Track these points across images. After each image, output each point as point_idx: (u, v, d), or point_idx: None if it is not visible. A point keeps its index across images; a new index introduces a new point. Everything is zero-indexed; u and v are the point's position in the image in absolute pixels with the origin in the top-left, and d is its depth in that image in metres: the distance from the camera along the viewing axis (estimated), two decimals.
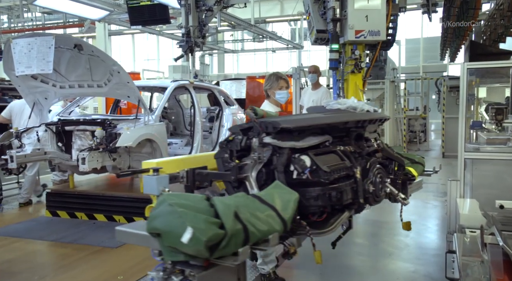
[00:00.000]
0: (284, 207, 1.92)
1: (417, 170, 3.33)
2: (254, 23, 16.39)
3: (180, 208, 1.63)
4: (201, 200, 1.76)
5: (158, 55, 25.47)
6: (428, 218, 6.16)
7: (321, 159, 2.20)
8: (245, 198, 1.91)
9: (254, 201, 1.89)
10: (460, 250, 3.03)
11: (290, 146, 2.18)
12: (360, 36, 5.73)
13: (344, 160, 2.33)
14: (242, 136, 2.25)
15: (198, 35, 8.23)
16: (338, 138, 2.57)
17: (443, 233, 5.13)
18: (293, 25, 22.08)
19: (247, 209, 1.78)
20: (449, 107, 12.40)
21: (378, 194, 2.50)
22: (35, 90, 5.78)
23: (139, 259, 4.46)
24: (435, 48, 17.20)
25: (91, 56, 5.34)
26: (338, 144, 2.49)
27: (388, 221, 5.95)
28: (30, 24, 18.34)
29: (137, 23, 10.30)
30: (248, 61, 24.81)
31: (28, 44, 4.78)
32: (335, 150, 2.38)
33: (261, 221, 1.78)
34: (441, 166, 3.83)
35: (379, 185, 2.51)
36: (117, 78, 5.51)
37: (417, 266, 4.29)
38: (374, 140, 2.82)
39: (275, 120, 2.25)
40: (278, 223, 1.86)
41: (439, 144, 14.46)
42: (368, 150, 2.66)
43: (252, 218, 1.76)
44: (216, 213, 1.68)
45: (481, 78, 7.59)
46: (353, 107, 2.89)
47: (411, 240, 5.09)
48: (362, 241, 5.18)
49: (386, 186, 2.54)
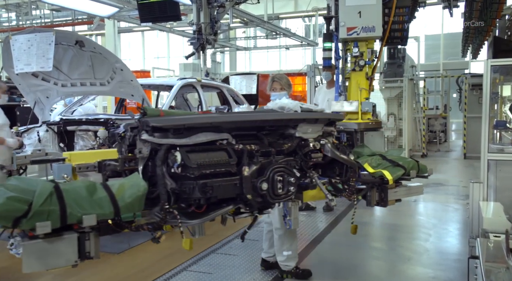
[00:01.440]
0: (123, 194, 2.24)
1: (394, 173, 3.29)
2: (267, 20, 16.41)
3: (2, 187, 2.07)
4: (40, 184, 2.13)
5: (169, 53, 25.58)
6: (449, 222, 6.09)
7: (198, 155, 2.44)
8: (87, 183, 2.28)
9: (94, 186, 2.24)
10: (484, 255, 2.99)
11: (166, 142, 2.44)
12: (352, 33, 5.70)
13: (231, 158, 2.53)
14: (130, 133, 2.53)
15: (209, 32, 8.25)
16: (248, 137, 2.78)
17: (465, 238, 5.07)
18: (307, 22, 22.01)
19: (76, 194, 2.15)
20: (471, 106, 12.26)
21: (276, 192, 2.65)
22: (36, 89, 5.71)
23: (143, 266, 4.43)
24: (456, 44, 17.04)
25: (93, 53, 5.28)
26: (245, 142, 2.68)
27: (406, 225, 5.90)
28: (38, 21, 18.58)
29: (147, 20, 10.34)
30: (261, 59, 24.79)
31: (28, 41, 4.69)
32: (226, 148, 2.57)
33: (89, 204, 2.15)
34: (432, 171, 3.73)
35: (278, 184, 2.64)
36: (120, 76, 5.45)
37: (437, 271, 4.24)
38: (313, 140, 2.93)
39: (154, 119, 2.48)
40: (109, 207, 2.18)
41: (460, 145, 14.29)
42: (287, 149, 2.83)
43: (77, 202, 2.13)
44: (49, 192, 2.09)
45: (505, 75, 7.47)
46: (280, 107, 3.01)
47: (431, 244, 5.04)
48: (380, 245, 5.15)
49: (290, 185, 2.68)
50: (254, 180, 2.60)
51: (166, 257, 4.59)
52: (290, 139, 2.90)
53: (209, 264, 4.44)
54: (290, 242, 3.97)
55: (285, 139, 2.91)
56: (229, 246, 4.98)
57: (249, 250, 4.82)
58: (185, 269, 4.31)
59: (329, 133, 3.14)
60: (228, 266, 4.39)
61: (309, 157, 2.91)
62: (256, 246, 4.96)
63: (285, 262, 3.98)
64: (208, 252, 4.78)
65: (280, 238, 3.97)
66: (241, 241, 3.61)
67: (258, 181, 2.60)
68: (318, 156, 2.93)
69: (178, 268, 4.33)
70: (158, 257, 4.60)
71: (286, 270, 4.00)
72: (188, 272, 4.25)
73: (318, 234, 5.38)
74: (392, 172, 3.29)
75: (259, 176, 2.62)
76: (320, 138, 3.02)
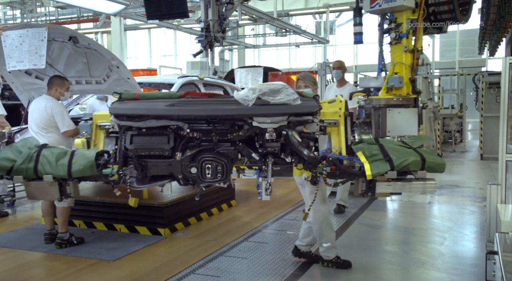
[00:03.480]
0: (78, 162, 3.29)
1: (376, 169, 3.18)
2: (277, 17, 16.38)
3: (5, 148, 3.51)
4: (29, 147, 3.46)
5: (176, 51, 25.65)
6: (465, 225, 6.04)
7: (141, 139, 3.23)
8: (63, 150, 3.44)
9: (65, 153, 3.38)
10: (502, 249, 2.97)
11: (124, 124, 3.26)
12: (375, 5, 5.67)
13: (168, 143, 3.20)
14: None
15: (218, 29, 8.23)
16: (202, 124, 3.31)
17: (482, 242, 5.03)
18: (318, 18, 21.94)
19: (48, 158, 3.34)
20: (488, 105, 12.17)
21: (204, 176, 3.21)
22: (30, 87, 5.57)
23: (138, 274, 4.33)
24: (472, 41, 16.86)
25: (88, 49, 5.19)
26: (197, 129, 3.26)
27: (420, 228, 5.86)
28: (43, 19, 18.75)
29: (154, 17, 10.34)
30: (270, 57, 24.75)
31: (19, 37, 4.53)
32: (168, 134, 3.23)
33: (52, 166, 3.30)
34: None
35: (207, 170, 3.20)
36: (116, 73, 5.38)
37: (452, 276, 4.21)
38: (272, 130, 3.18)
39: (114, 106, 3.27)
40: (64, 171, 3.28)
41: (477, 145, 14.19)
42: (235, 138, 3.25)
43: (45, 164, 3.31)
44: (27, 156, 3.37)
45: None
46: (241, 99, 3.20)
47: (446, 248, 5.01)
48: (393, 248, 5.13)
49: (218, 172, 3.20)
50: (187, 164, 3.20)
51: (165, 264, 4.56)
52: (243, 128, 3.26)
53: (216, 267, 4.45)
54: (328, 234, 4.32)
55: (239, 127, 3.28)
56: (237, 249, 4.99)
57: (258, 253, 4.83)
58: (193, 272, 4.33)
59: (300, 122, 3.27)
60: (236, 269, 4.39)
61: (265, 145, 3.21)
62: (265, 249, 4.97)
63: (325, 253, 4.36)
64: (216, 255, 4.79)
65: (317, 232, 4.34)
66: (249, 244, 3.67)
67: (189, 166, 3.20)
68: (274, 145, 3.21)
69: (185, 271, 4.34)
70: (156, 265, 4.54)
71: (327, 260, 4.37)
72: (196, 275, 4.26)
73: None
74: (376, 167, 3.19)
75: (192, 161, 3.20)
76: (283, 127, 3.22)
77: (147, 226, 5.54)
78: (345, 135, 3.48)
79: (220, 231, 5.70)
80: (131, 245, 5.09)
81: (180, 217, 5.78)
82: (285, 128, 3.23)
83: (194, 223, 5.98)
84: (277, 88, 3.18)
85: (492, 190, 4.17)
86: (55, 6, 18.84)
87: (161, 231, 5.45)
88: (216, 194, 6.57)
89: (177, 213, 5.72)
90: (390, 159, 3.24)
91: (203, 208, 6.28)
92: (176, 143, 3.24)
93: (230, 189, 6.94)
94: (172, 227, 5.60)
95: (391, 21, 5.62)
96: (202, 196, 6.03)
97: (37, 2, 19.00)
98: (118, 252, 4.88)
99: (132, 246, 5.06)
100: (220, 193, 6.67)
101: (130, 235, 5.49)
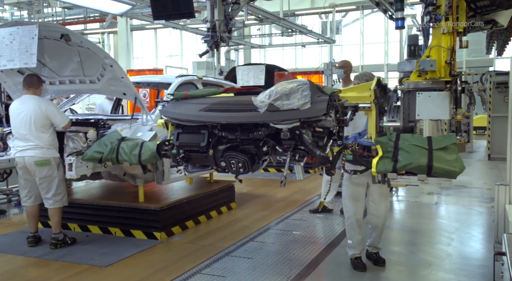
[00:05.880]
0: (145, 153, 4.43)
1: (383, 166, 3.50)
2: (283, 16, 16.38)
3: (96, 143, 4.78)
4: (111, 141, 4.65)
5: (182, 51, 25.72)
6: (473, 226, 6.01)
7: (185, 136, 4.04)
8: (136, 142, 4.59)
9: (137, 144, 4.53)
10: (511, 250, 2.95)
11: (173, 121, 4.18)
12: None
13: (203, 141, 3.92)
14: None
15: (224, 29, 8.24)
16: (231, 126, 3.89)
17: (490, 243, 5.01)
18: (324, 18, 21.93)
19: (125, 149, 4.52)
20: (496, 105, 12.08)
21: (228, 169, 3.96)
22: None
23: (133, 279, 4.20)
24: (480, 41, 16.76)
25: (81, 48, 5.07)
26: (225, 130, 3.87)
27: (427, 229, 5.84)
28: (50, 19, 18.86)
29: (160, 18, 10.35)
30: (276, 57, 24.75)
31: (10, 35, 4.41)
32: (203, 133, 3.93)
33: (127, 155, 4.50)
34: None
35: (232, 165, 3.89)
36: (110, 72, 5.23)
37: (460, 277, 4.19)
38: (287, 130, 3.55)
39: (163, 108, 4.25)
40: (136, 160, 4.47)
41: (484, 146, 14.11)
42: (255, 137, 3.73)
43: (124, 153, 4.51)
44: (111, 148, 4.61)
45: None
46: (257, 104, 3.62)
47: (453, 249, 4.98)
48: (399, 249, 5.10)
49: (240, 166, 3.86)
50: (219, 158, 3.93)
51: (158, 271, 4.38)
52: (261, 129, 3.71)
53: (223, 267, 4.45)
54: (349, 233, 4.45)
55: (259, 128, 3.73)
56: (243, 249, 4.99)
57: (264, 253, 4.82)
58: (199, 272, 4.32)
59: (311, 122, 3.56)
60: (242, 269, 4.39)
61: (280, 142, 3.68)
62: (271, 249, 4.96)
63: (347, 249, 4.49)
64: (222, 254, 4.79)
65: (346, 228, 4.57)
66: (255, 244, 3.80)
67: (219, 160, 3.95)
68: (290, 143, 3.63)
69: (191, 271, 4.34)
70: (148, 272, 4.36)
71: (350, 257, 4.44)
72: (202, 275, 4.26)
73: (335, 238, 5.35)
74: (382, 166, 3.48)
75: (220, 157, 3.92)
76: (297, 127, 3.55)
77: (142, 230, 5.39)
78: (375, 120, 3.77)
79: (218, 235, 5.56)
80: (125, 250, 4.94)
81: (177, 221, 5.63)
82: (298, 128, 3.56)
83: (192, 227, 5.83)
84: (294, 89, 3.49)
85: (500, 190, 4.16)
86: (62, 7, 18.95)
87: (157, 235, 5.29)
88: (215, 197, 6.42)
89: (174, 217, 5.56)
90: (396, 160, 3.35)
91: (202, 211, 6.12)
92: (210, 140, 3.93)
93: (230, 191, 6.83)
94: (169, 231, 5.44)
95: (428, 4, 5.36)
96: (201, 199, 6.11)
97: (44, 3, 19.13)
98: (111, 257, 4.72)
99: (126, 251, 4.90)
100: (219, 196, 6.53)
101: (125, 239, 5.34)
